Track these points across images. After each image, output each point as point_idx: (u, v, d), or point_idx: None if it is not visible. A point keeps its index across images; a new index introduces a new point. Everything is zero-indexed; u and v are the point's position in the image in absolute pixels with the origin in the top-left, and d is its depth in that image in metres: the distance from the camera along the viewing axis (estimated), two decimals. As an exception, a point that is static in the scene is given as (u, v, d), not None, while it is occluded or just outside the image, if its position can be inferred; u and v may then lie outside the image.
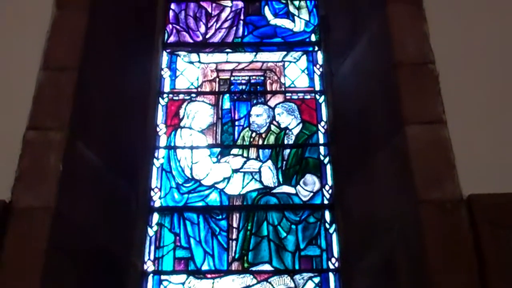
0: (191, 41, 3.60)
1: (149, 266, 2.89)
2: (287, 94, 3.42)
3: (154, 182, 3.12)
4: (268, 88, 3.46)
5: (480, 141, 2.51)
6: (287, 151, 3.23)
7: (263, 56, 3.56)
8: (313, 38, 3.61)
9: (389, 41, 2.80)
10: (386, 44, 2.82)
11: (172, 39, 3.60)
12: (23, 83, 2.67)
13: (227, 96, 3.41)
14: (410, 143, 2.48)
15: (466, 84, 2.67)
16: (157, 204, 3.07)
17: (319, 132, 3.28)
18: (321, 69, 3.47)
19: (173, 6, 3.71)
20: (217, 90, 3.44)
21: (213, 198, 3.11)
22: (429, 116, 2.55)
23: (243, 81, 3.48)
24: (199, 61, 3.53)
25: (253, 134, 3.30)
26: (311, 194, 3.10)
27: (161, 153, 3.22)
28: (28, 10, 2.93)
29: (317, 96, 3.39)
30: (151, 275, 2.88)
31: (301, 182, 3.14)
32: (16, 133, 2.51)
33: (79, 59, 2.74)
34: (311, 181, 3.14)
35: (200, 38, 3.61)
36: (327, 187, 3.10)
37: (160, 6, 3.64)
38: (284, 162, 3.19)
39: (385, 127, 2.73)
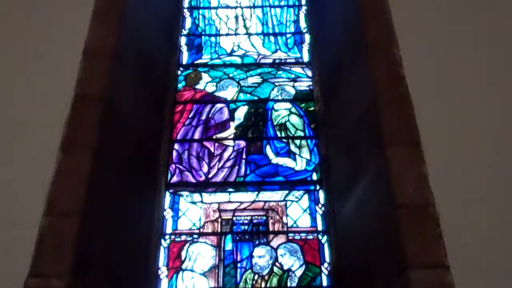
0: (194, 181, 3.78)
1: None
2: (289, 234, 3.54)
3: (156, 327, 3.17)
4: (271, 228, 3.57)
5: (484, 285, 2.59)
6: (290, 294, 3.29)
7: (265, 195, 3.72)
8: (314, 177, 3.78)
9: (389, 182, 2.96)
10: (387, 185, 2.97)
11: (175, 179, 3.78)
12: (26, 229, 2.79)
13: (229, 236, 3.52)
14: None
15: (467, 226, 2.79)
16: None
17: (322, 273, 3.35)
18: (323, 209, 3.61)
19: (176, 146, 3.93)
20: (219, 231, 3.56)
21: None
22: (432, 260, 2.65)
23: (245, 221, 3.61)
24: (202, 201, 3.68)
25: (256, 277, 3.37)
26: None
27: (163, 297, 3.28)
28: (33, 154, 3.11)
29: (320, 237, 3.50)
30: None
31: (305, 326, 3.18)
32: (17, 280, 2.60)
33: (83, 204, 2.88)
34: (315, 325, 3.18)
35: (203, 177, 3.79)
36: (331, 330, 3.14)
37: (163, 147, 3.85)
38: (288, 305, 3.25)
39: (388, 270, 2.82)
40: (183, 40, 4.54)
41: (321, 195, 3.68)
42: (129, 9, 3.82)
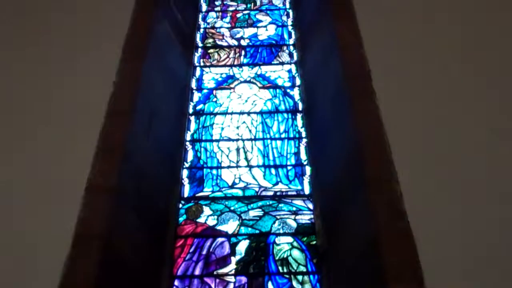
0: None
1: None
2: None
3: None
4: None
5: None
6: None
7: None
8: (318, 314, 3.79)
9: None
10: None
11: (176, 322, 3.79)
12: None
13: None
14: None
15: None
16: None
17: None
18: None
19: (177, 282, 3.97)
20: None
21: None
22: None
23: None
24: None
25: None
26: None
27: None
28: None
29: None
30: None
31: None
32: None
33: None
34: None
35: (206, 312, 3.81)
36: None
37: (163, 283, 3.90)
38: None
39: None
40: (184, 173, 4.71)
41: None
42: (131, 145, 4.02)
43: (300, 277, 4.00)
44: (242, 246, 4.18)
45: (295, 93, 5.36)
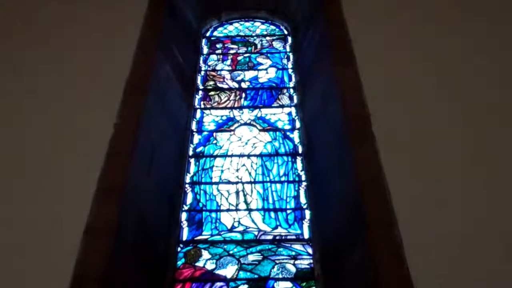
0: None
1: None
2: None
3: None
4: None
5: None
6: None
7: None
8: None
9: None
10: None
11: None
12: None
13: None
14: None
15: None
16: None
17: None
18: None
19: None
20: None
21: None
22: None
23: None
24: None
25: None
26: None
27: None
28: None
29: None
30: None
31: None
32: None
33: None
34: None
35: None
36: None
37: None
38: None
39: None
40: (183, 216, 4.71)
41: None
42: (131, 187, 4.05)
43: None
44: (241, 291, 4.17)
45: (295, 136, 5.40)
